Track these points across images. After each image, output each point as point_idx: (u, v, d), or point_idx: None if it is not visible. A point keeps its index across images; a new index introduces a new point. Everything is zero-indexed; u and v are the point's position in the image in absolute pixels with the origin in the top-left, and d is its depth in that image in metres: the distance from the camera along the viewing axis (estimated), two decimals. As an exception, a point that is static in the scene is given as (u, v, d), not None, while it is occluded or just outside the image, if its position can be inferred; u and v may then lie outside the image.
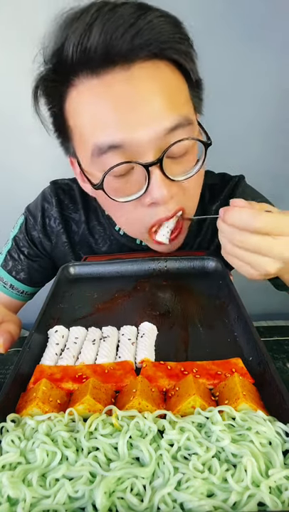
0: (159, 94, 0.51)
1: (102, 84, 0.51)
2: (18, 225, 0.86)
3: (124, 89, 0.50)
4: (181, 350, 0.48)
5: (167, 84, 0.52)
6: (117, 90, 0.50)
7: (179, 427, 0.35)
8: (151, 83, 0.51)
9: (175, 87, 0.54)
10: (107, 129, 0.52)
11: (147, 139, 0.51)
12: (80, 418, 0.37)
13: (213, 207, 0.81)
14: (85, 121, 0.54)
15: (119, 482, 0.31)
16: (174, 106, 0.52)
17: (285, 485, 0.30)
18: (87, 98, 0.52)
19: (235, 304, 0.55)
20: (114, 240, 0.82)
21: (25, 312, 0.86)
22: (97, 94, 0.51)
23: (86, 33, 0.48)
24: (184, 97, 0.56)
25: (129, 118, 0.51)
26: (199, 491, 0.29)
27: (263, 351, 0.43)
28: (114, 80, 0.50)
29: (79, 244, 0.84)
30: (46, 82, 0.55)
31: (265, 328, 0.91)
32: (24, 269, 0.85)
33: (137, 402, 0.37)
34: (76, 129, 0.57)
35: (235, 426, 0.35)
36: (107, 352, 0.47)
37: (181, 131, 0.53)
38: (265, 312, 1.20)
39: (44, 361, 0.46)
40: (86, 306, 0.60)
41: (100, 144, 0.52)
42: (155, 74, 0.51)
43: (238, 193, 0.81)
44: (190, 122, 0.54)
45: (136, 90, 0.50)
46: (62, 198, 0.83)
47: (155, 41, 0.49)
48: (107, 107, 0.51)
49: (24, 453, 0.34)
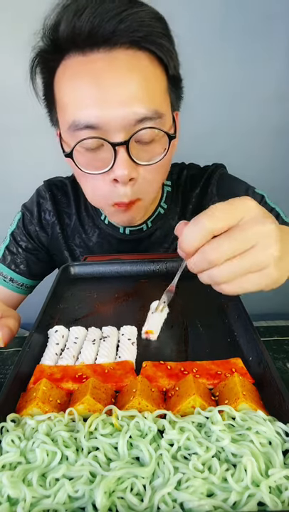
0: (137, 80, 0.56)
1: (86, 60, 0.56)
2: (15, 221, 0.89)
3: (104, 67, 0.55)
4: (181, 350, 0.48)
5: (145, 74, 0.57)
6: (98, 67, 0.55)
7: (179, 427, 0.35)
8: (130, 68, 0.56)
9: (153, 78, 0.58)
10: (84, 109, 0.56)
11: (119, 120, 0.56)
12: (80, 418, 0.37)
13: (194, 193, 0.86)
14: (66, 94, 0.59)
15: (119, 482, 0.31)
16: (149, 96, 0.57)
17: (285, 485, 0.30)
18: (71, 72, 0.58)
19: (235, 304, 0.55)
20: (101, 230, 0.85)
21: (25, 312, 0.85)
22: (80, 69, 0.56)
23: (78, 14, 0.53)
24: (160, 90, 0.60)
25: (106, 97, 0.55)
26: (199, 490, 0.29)
27: (263, 351, 0.43)
28: (97, 58, 0.55)
29: (71, 235, 0.88)
30: (42, 53, 0.60)
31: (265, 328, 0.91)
32: (23, 262, 0.88)
33: (137, 402, 0.37)
34: (59, 102, 0.61)
35: (235, 426, 0.35)
36: (107, 352, 0.47)
37: (150, 122, 0.58)
38: (265, 312, 1.19)
39: (44, 361, 0.46)
40: (86, 306, 0.60)
41: (77, 121, 0.57)
42: (135, 61, 0.56)
43: (214, 178, 0.85)
44: (159, 116, 0.58)
45: (115, 70, 0.55)
46: (55, 192, 0.87)
47: (136, 30, 0.54)
48: (86, 82, 0.56)
49: (24, 453, 0.34)
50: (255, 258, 0.40)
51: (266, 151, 1.35)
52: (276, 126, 1.31)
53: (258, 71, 1.20)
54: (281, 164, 1.37)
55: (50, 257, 0.91)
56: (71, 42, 0.56)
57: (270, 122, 1.30)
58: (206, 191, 0.85)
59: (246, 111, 1.27)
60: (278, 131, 1.32)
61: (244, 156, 1.29)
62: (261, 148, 1.34)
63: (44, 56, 0.60)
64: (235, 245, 0.40)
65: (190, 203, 0.85)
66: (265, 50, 1.17)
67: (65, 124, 0.60)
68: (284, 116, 1.29)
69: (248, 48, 1.16)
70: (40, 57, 0.61)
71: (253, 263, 0.41)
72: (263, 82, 1.22)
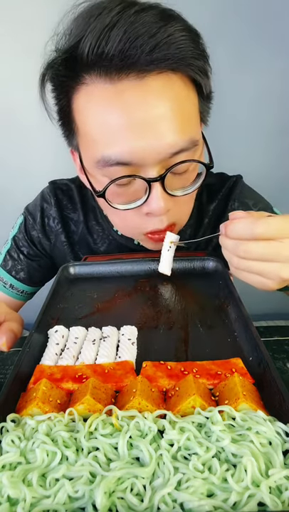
0: (171, 109, 0.51)
1: (115, 89, 0.50)
2: (17, 225, 0.86)
3: (136, 98, 0.50)
4: (181, 350, 0.48)
5: (179, 100, 0.52)
6: (129, 99, 0.50)
7: (179, 427, 0.35)
8: (163, 97, 0.51)
9: (186, 102, 0.54)
10: (115, 143, 0.52)
11: (154, 155, 0.52)
12: (80, 418, 0.37)
13: (211, 207, 0.82)
14: (93, 125, 0.53)
15: (119, 482, 0.31)
16: (184, 126, 0.52)
17: (285, 485, 0.30)
18: (98, 101, 0.52)
19: (235, 304, 0.55)
20: (112, 240, 0.82)
21: (25, 312, 0.85)
22: (108, 99, 0.51)
23: (105, 36, 0.47)
24: (194, 114, 0.57)
25: (139, 131, 0.50)
26: (199, 491, 0.29)
27: (263, 351, 0.43)
28: (126, 88, 0.50)
29: (78, 243, 0.84)
30: (55, 71, 0.54)
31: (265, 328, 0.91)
32: (24, 269, 0.86)
33: (137, 402, 0.37)
34: (83, 129, 0.56)
35: (236, 426, 0.35)
36: (107, 352, 0.47)
37: (187, 152, 0.54)
38: (265, 312, 1.20)
39: (44, 361, 0.46)
40: (86, 306, 0.60)
41: (107, 157, 0.53)
42: (168, 87, 0.51)
43: (236, 193, 0.81)
44: (195, 144, 0.55)
45: (148, 100, 0.50)
46: (60, 197, 0.84)
47: (173, 56, 0.49)
48: (116, 114, 0.51)
49: (24, 453, 0.34)
50: (268, 269, 0.47)
51: (265, 151, 1.35)
52: (275, 126, 1.31)
53: (257, 71, 1.20)
54: (281, 164, 1.37)
55: (52, 264, 0.89)
56: (95, 65, 0.49)
57: (270, 122, 1.30)
58: (226, 206, 0.81)
59: (246, 111, 1.27)
60: (278, 131, 1.32)
61: (244, 156, 1.29)
62: (260, 148, 1.34)
63: (57, 73, 0.54)
64: (261, 256, 0.46)
65: (206, 216, 0.82)
66: (265, 49, 1.17)
67: (91, 158, 0.56)
68: (283, 116, 1.29)
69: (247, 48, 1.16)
70: (52, 73, 0.55)
71: (263, 272, 0.47)
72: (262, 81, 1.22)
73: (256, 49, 1.17)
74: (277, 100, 1.26)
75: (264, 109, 1.27)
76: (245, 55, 1.18)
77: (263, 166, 1.31)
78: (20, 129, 1.29)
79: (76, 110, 0.56)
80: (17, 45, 1.13)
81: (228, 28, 1.12)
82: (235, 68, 1.19)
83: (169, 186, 0.55)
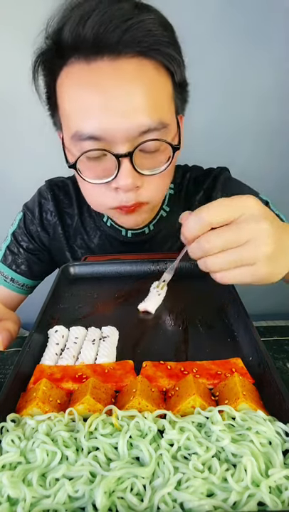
0: (142, 90, 0.54)
1: (90, 69, 0.54)
2: (16, 221, 0.89)
3: (109, 77, 0.53)
4: (181, 350, 0.48)
5: (151, 84, 0.55)
6: (102, 77, 0.54)
7: (179, 427, 0.35)
8: (135, 78, 0.54)
9: (158, 87, 0.57)
10: (88, 119, 0.55)
11: (124, 131, 0.55)
12: (80, 418, 0.37)
13: (197, 197, 0.85)
14: (69, 101, 0.58)
15: (119, 482, 0.31)
16: (154, 107, 0.55)
17: (285, 485, 0.30)
18: (75, 79, 0.56)
19: (235, 304, 0.55)
20: (103, 232, 0.85)
21: (25, 312, 0.86)
22: (84, 78, 0.55)
23: (82, 21, 0.51)
24: (166, 99, 0.59)
25: (110, 107, 0.54)
26: (199, 490, 0.29)
27: (263, 351, 0.43)
28: (101, 68, 0.54)
29: (73, 236, 0.87)
30: (45, 55, 0.59)
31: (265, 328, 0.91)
32: (24, 262, 0.88)
33: (137, 401, 0.37)
34: (62, 105, 0.60)
35: (235, 426, 0.35)
36: (107, 352, 0.47)
37: (155, 133, 0.56)
38: (265, 312, 1.19)
39: (44, 361, 0.46)
40: (86, 306, 0.60)
41: (80, 132, 0.56)
42: (140, 70, 0.55)
43: (219, 183, 0.84)
44: (164, 126, 0.57)
45: (120, 80, 0.54)
46: (57, 193, 0.87)
47: (142, 41, 0.53)
48: (90, 92, 0.54)
49: (24, 453, 0.34)
50: (245, 253, 0.44)
51: (264, 151, 1.35)
52: (275, 126, 1.31)
53: (256, 70, 1.20)
54: (280, 164, 1.37)
55: (51, 258, 0.91)
56: (74, 48, 0.54)
57: (269, 122, 1.30)
58: (210, 195, 0.84)
59: (245, 111, 1.27)
60: (277, 131, 1.32)
61: (243, 156, 1.29)
62: (259, 148, 1.34)
63: (46, 58, 0.59)
64: (227, 239, 0.43)
65: (193, 207, 0.84)
66: (265, 49, 1.17)
67: (68, 133, 0.59)
68: (283, 116, 1.29)
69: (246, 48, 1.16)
70: (43, 59, 0.60)
71: (242, 257, 0.44)
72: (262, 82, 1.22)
73: (256, 49, 1.17)
74: (278, 100, 1.26)
75: (264, 109, 1.27)
76: (245, 55, 1.18)
77: (263, 166, 1.31)
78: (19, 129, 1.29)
79: (58, 89, 0.60)
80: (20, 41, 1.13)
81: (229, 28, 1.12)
82: (236, 68, 1.19)
83: (139, 165, 0.58)
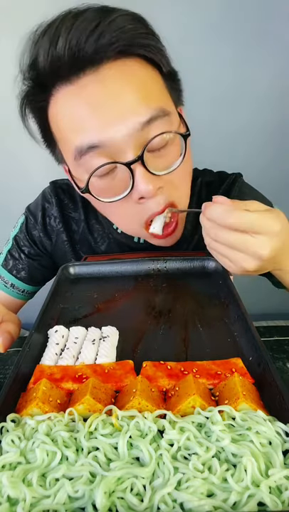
0: (130, 90, 0.53)
1: (75, 88, 0.53)
2: (18, 225, 0.86)
3: (96, 89, 0.52)
4: (181, 350, 0.48)
5: (138, 79, 0.54)
6: (89, 91, 0.52)
7: (179, 427, 0.35)
8: (121, 80, 0.53)
9: (147, 80, 0.55)
10: (84, 131, 0.53)
11: (123, 135, 0.53)
12: (80, 418, 0.37)
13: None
14: (64, 125, 0.56)
15: (119, 482, 0.30)
16: (147, 99, 0.53)
17: (285, 485, 0.30)
18: (64, 103, 0.55)
19: (235, 304, 0.55)
20: (112, 239, 0.82)
21: (25, 312, 0.86)
22: (72, 98, 0.54)
23: (53, 43, 0.50)
24: (158, 89, 0.57)
25: (103, 117, 0.52)
26: (199, 490, 0.29)
27: (263, 351, 0.43)
28: (86, 83, 0.52)
29: (79, 242, 0.85)
30: (29, 97, 0.58)
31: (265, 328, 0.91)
32: (25, 268, 0.86)
33: (137, 402, 0.37)
34: (58, 136, 0.59)
35: (235, 426, 0.35)
36: (107, 352, 0.47)
37: (158, 123, 0.54)
38: (265, 312, 1.20)
39: (44, 361, 0.46)
40: (86, 306, 0.60)
41: (79, 145, 0.54)
42: (124, 71, 0.53)
43: (235, 190, 0.81)
44: (166, 113, 0.55)
45: (107, 89, 0.52)
46: (62, 197, 0.84)
47: (118, 39, 0.51)
48: (81, 108, 0.53)
49: (24, 453, 0.34)
50: (232, 256, 0.51)
51: (264, 151, 1.35)
52: (274, 126, 1.31)
53: (256, 70, 1.20)
54: (278, 165, 1.37)
55: (53, 263, 0.89)
56: (54, 74, 0.53)
57: (269, 122, 1.30)
58: None
59: (243, 111, 1.27)
60: (277, 131, 1.32)
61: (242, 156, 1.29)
62: (259, 148, 1.34)
63: (31, 98, 0.58)
64: (228, 244, 0.50)
65: None
66: (264, 49, 1.17)
67: (70, 156, 0.57)
68: (282, 116, 1.29)
69: (246, 47, 1.16)
70: (27, 100, 0.58)
71: (228, 256, 0.52)
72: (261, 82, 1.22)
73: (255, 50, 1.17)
74: (278, 100, 1.26)
75: (263, 110, 1.27)
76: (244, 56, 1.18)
77: (263, 166, 1.31)
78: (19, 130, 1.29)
79: (51, 122, 0.59)
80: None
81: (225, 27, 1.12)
82: (236, 68, 1.19)
83: (153, 167, 0.55)
